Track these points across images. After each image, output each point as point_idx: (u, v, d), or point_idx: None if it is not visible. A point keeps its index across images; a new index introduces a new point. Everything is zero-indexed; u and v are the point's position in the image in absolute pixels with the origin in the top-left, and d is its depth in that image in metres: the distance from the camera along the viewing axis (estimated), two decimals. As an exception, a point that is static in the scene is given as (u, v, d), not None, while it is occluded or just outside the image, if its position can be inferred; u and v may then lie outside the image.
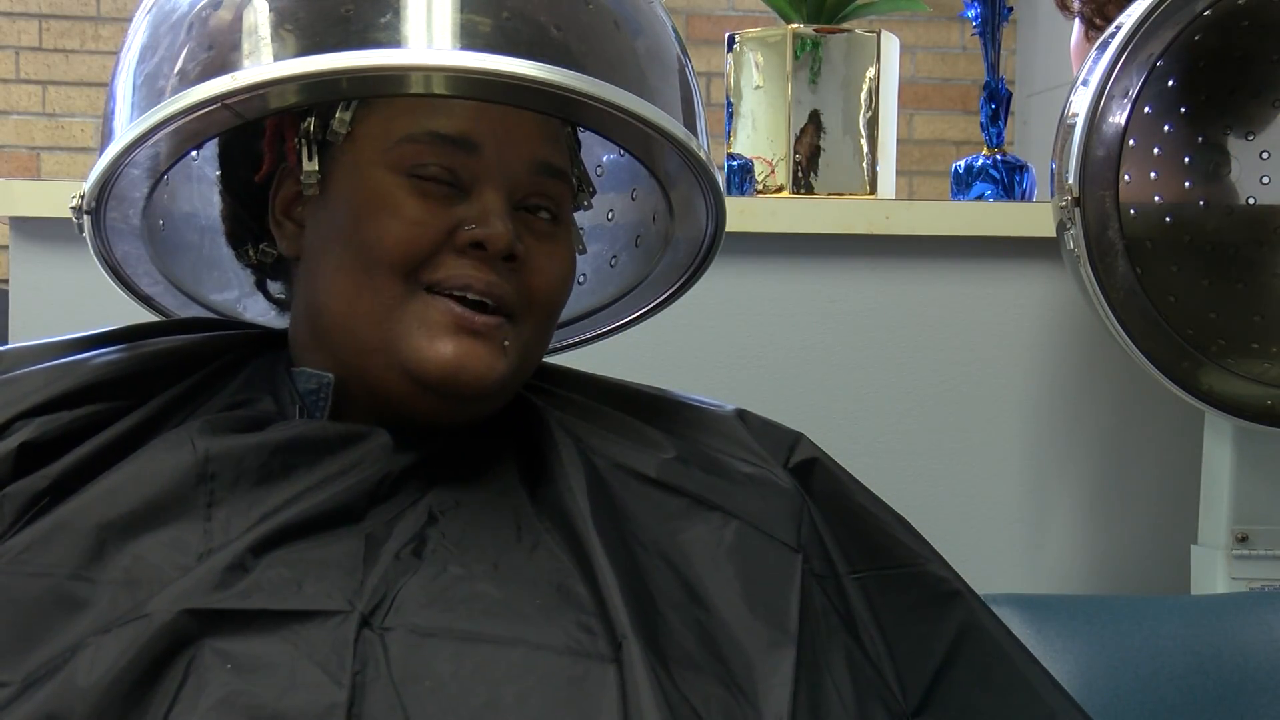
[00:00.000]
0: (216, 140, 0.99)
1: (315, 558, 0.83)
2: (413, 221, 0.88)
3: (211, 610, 0.78)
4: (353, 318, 0.90)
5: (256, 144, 0.97)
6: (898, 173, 1.67)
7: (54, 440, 0.87)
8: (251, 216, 1.00)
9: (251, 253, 1.02)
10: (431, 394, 0.90)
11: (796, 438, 1.00)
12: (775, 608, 0.89)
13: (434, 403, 0.91)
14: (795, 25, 1.58)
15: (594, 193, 1.02)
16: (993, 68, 1.62)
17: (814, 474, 0.98)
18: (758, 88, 1.59)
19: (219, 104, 0.85)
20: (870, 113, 1.58)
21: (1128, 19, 1.27)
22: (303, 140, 0.92)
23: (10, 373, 0.91)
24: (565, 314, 1.10)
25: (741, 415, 1.01)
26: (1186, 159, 1.35)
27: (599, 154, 1.07)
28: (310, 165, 0.92)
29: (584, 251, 1.04)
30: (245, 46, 0.85)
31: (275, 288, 1.05)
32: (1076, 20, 1.64)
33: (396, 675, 0.77)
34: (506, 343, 0.90)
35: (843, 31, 1.58)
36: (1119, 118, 1.30)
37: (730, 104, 1.62)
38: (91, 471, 0.86)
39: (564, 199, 0.95)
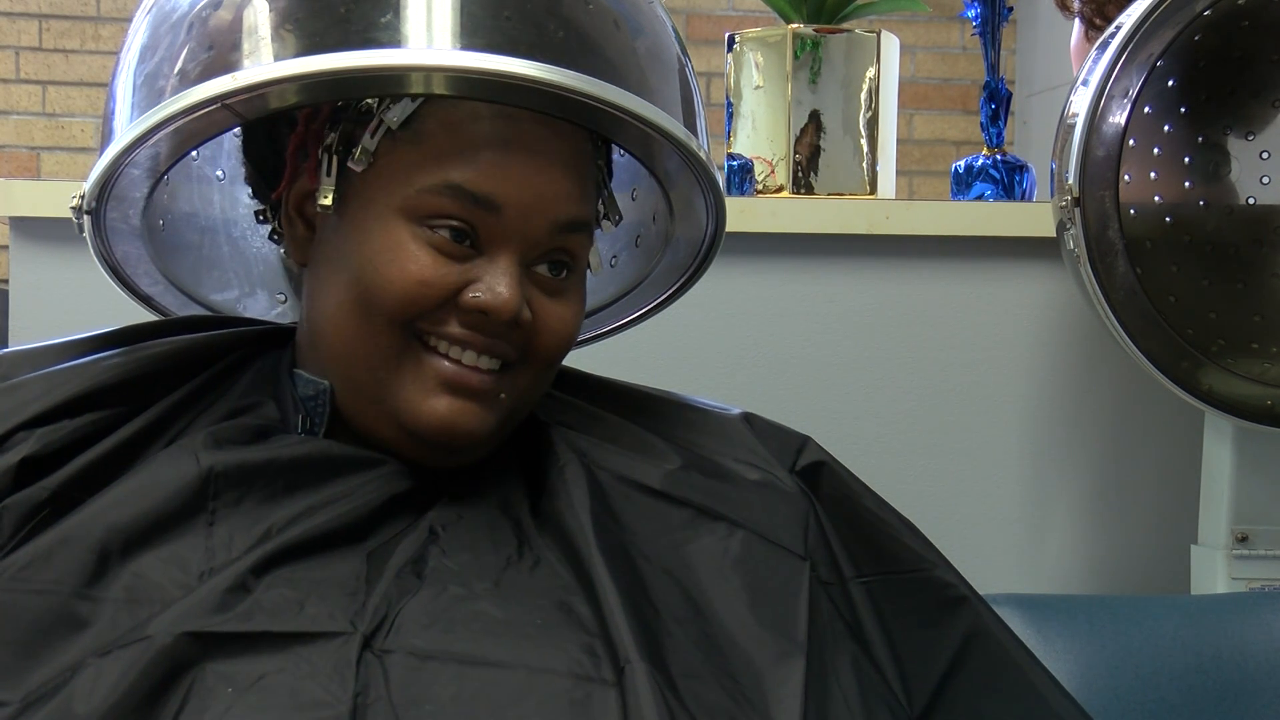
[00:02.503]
0: (226, 134, 0.99)
1: (317, 578, 0.82)
2: (420, 280, 0.86)
3: (212, 633, 0.77)
4: (350, 359, 0.90)
5: (279, 143, 0.96)
6: (898, 173, 1.67)
7: (56, 451, 0.86)
8: (268, 202, 0.99)
9: (270, 224, 1.00)
10: (422, 446, 0.90)
11: (803, 441, 1.00)
12: (783, 618, 0.88)
13: (423, 452, 0.90)
14: (795, 25, 1.58)
15: (620, 217, 1.00)
16: (993, 68, 1.63)
17: (821, 477, 0.98)
18: (758, 88, 1.59)
19: (219, 104, 0.85)
20: (870, 113, 1.58)
21: (1128, 19, 1.27)
22: (325, 154, 0.91)
23: (10, 378, 0.90)
24: (565, 314, 1.10)
25: (747, 418, 1.00)
26: (1186, 159, 1.35)
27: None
28: (328, 183, 0.90)
29: (598, 272, 1.03)
30: (245, 46, 0.85)
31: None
32: (1076, 20, 1.64)
33: (397, 699, 0.77)
34: (503, 395, 0.90)
35: (843, 31, 1.58)
36: (1119, 118, 1.30)
37: (730, 104, 1.62)
38: (93, 480, 0.85)
39: (582, 250, 0.93)
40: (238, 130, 0.98)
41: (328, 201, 0.90)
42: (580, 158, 0.91)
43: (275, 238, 1.02)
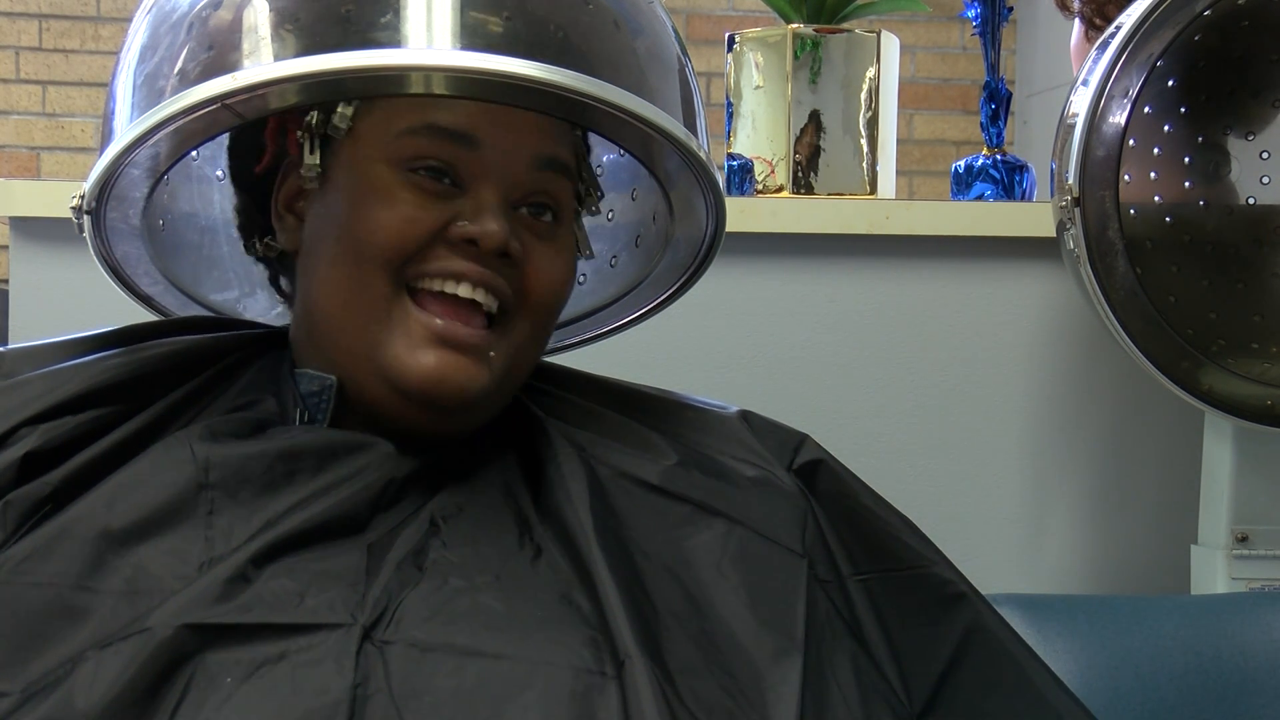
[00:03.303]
0: (226, 134, 0.99)
1: (318, 569, 0.82)
2: (406, 217, 0.88)
3: (212, 625, 0.78)
4: (342, 318, 0.90)
5: (262, 136, 0.97)
6: (898, 173, 1.67)
7: (58, 447, 0.86)
8: (258, 209, 1.00)
9: (258, 245, 1.01)
10: (414, 404, 0.90)
11: (801, 439, 1.00)
12: (781, 615, 0.88)
13: (418, 413, 0.90)
14: (795, 25, 1.58)
15: (601, 196, 1.01)
16: (993, 68, 1.63)
17: (819, 475, 0.98)
18: (758, 88, 1.59)
19: (219, 104, 0.85)
20: (870, 113, 1.58)
21: (1128, 19, 1.27)
22: (305, 134, 0.92)
23: (11, 376, 0.91)
24: (565, 314, 1.10)
25: (745, 416, 1.00)
26: (1186, 159, 1.35)
27: (599, 154, 1.07)
28: (311, 159, 0.91)
29: (591, 256, 1.04)
30: (245, 46, 0.85)
31: (285, 284, 1.05)
32: (1076, 20, 1.64)
33: (397, 690, 0.77)
34: (492, 354, 0.90)
35: (843, 31, 1.58)
36: (1119, 118, 1.30)
37: (730, 104, 1.62)
38: (94, 477, 0.85)
39: (565, 197, 0.94)
40: None
41: (314, 175, 0.91)
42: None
43: (254, 251, 1.02)
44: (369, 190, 0.89)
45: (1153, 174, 1.34)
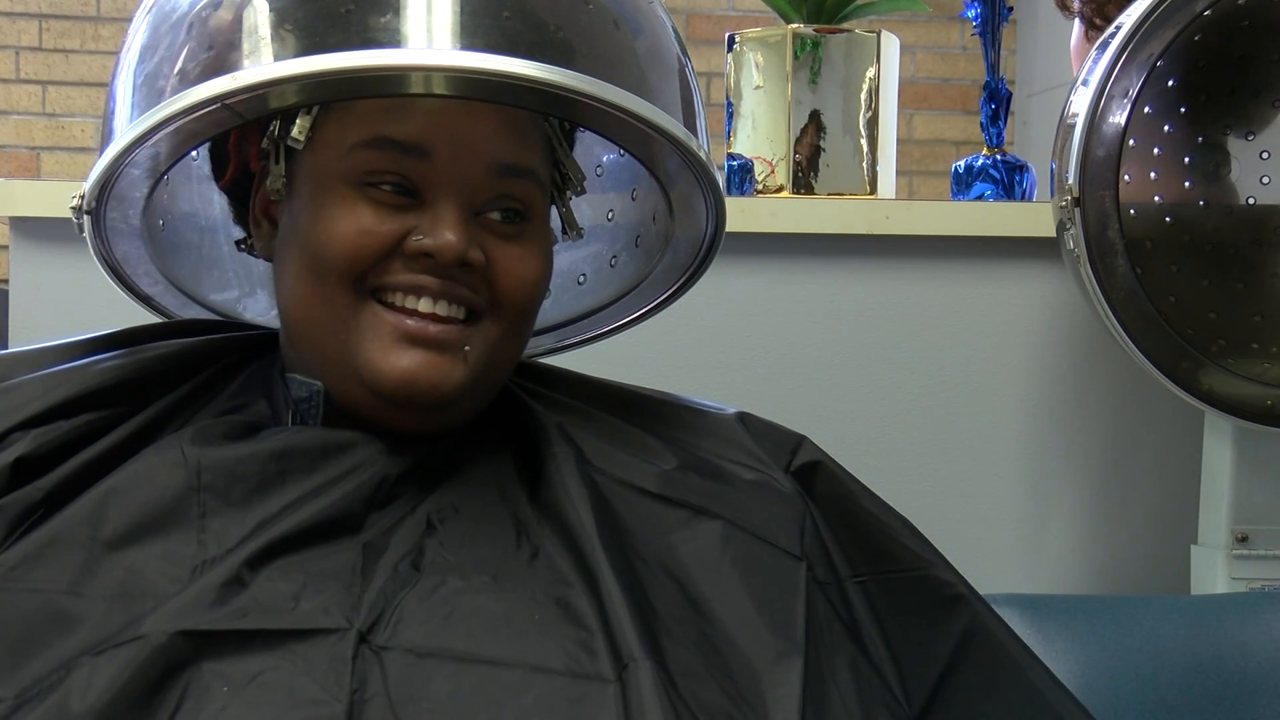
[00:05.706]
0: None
1: (313, 570, 0.82)
2: (362, 230, 0.88)
3: (207, 631, 0.78)
4: (312, 326, 0.90)
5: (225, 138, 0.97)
6: (898, 173, 1.67)
7: (50, 452, 0.86)
8: (242, 211, 1.00)
9: (247, 244, 1.02)
10: (392, 405, 0.89)
11: (799, 440, 1.00)
12: (781, 618, 0.88)
13: (396, 413, 0.90)
14: (795, 25, 1.58)
15: (583, 178, 1.01)
16: (993, 68, 1.63)
17: (817, 477, 0.98)
18: (758, 88, 1.59)
19: (219, 104, 0.85)
20: (870, 113, 1.58)
21: (1128, 19, 1.27)
22: (269, 143, 0.92)
23: (6, 380, 0.91)
24: (565, 314, 1.10)
25: (743, 418, 1.00)
26: (1186, 159, 1.35)
27: (599, 154, 1.07)
28: (276, 169, 0.92)
29: (579, 236, 1.03)
30: (245, 46, 0.85)
31: None
32: (1076, 20, 1.64)
33: (394, 695, 0.77)
34: (467, 348, 0.90)
35: (843, 31, 1.58)
36: (1119, 118, 1.30)
37: (730, 104, 1.62)
38: (87, 482, 0.85)
39: (532, 198, 0.93)
40: None
41: (279, 186, 0.91)
42: (520, 113, 0.91)
43: (242, 246, 1.03)
44: (326, 202, 0.89)
45: (1153, 174, 1.34)
